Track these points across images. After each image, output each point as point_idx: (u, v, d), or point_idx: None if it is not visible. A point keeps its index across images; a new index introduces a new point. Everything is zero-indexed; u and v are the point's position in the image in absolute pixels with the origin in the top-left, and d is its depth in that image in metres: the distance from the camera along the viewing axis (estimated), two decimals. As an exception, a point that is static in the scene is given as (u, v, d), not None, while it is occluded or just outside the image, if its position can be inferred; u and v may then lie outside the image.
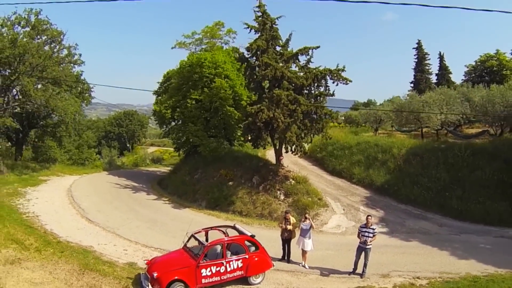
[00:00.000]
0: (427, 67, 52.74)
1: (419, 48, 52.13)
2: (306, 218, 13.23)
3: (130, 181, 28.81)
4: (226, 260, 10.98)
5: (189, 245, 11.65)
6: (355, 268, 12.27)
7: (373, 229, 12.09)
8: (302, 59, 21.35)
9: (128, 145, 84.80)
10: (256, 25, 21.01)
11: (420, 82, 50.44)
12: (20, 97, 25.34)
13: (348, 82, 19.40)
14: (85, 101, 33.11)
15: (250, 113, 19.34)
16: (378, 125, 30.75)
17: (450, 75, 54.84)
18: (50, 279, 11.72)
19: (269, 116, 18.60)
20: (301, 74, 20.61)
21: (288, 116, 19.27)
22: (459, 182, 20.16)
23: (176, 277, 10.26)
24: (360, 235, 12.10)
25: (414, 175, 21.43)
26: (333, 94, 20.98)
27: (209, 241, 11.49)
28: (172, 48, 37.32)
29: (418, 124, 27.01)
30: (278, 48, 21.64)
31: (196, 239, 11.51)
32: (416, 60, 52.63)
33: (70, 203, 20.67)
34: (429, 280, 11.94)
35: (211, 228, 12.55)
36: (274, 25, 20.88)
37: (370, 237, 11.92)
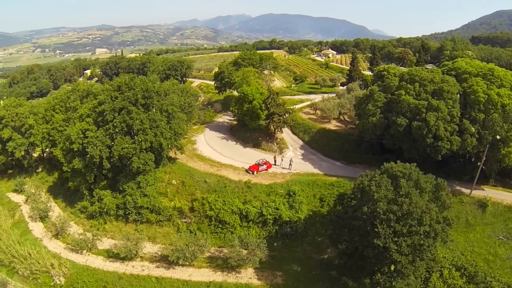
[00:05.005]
0: (358, 64, 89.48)
1: (353, 52, 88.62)
2: (280, 154, 58.00)
3: (219, 133, 72.31)
4: (263, 166, 55.65)
5: (256, 162, 56.14)
6: (289, 167, 56.72)
7: (291, 159, 56.36)
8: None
9: (179, 80, 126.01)
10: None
11: (352, 73, 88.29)
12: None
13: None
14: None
15: (267, 122, 62.34)
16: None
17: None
18: (229, 172, 56.17)
19: (271, 123, 61.83)
20: (282, 108, 62.47)
21: (278, 122, 62.02)
22: (329, 145, 63.29)
23: (255, 170, 55.06)
24: (289, 160, 56.38)
25: (317, 139, 64.85)
26: (291, 112, 63.70)
27: (260, 161, 55.93)
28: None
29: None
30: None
31: (258, 161, 56.07)
32: (351, 60, 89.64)
33: (212, 148, 64.39)
34: (305, 172, 56.16)
35: (260, 159, 56.92)
36: (275, 94, 62.17)
37: (292, 160, 56.17)
